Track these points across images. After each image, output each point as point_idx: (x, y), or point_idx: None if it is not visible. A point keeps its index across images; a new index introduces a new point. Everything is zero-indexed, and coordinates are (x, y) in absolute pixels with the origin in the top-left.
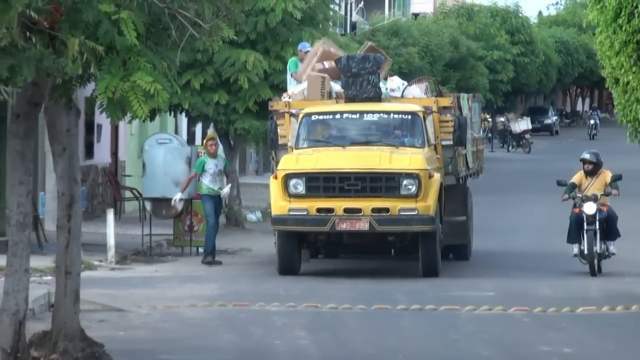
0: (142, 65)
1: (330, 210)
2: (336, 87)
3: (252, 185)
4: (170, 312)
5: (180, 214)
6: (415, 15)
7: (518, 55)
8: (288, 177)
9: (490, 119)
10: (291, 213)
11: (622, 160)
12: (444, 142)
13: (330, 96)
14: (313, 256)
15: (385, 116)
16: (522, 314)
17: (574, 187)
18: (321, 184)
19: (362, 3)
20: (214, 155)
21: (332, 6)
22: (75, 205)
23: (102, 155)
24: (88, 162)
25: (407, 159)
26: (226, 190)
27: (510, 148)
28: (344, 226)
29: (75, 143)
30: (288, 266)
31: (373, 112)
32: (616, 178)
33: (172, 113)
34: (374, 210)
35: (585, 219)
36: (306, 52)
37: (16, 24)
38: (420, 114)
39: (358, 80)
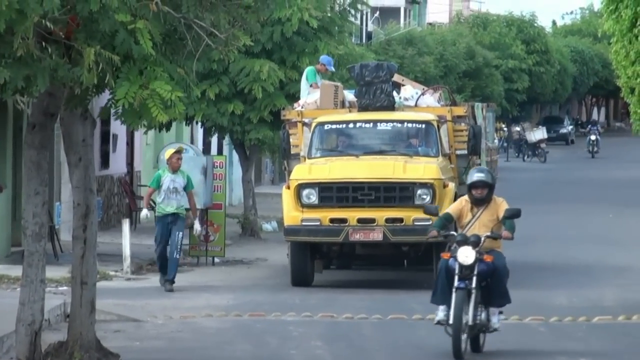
0: (159, 74)
1: (343, 220)
2: (349, 96)
3: (268, 195)
4: (186, 322)
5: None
6: (431, 24)
7: (533, 64)
8: (301, 187)
9: (505, 129)
10: (304, 223)
11: (637, 169)
12: (458, 152)
13: (343, 105)
14: (326, 267)
15: (399, 125)
16: (538, 323)
17: (448, 220)
18: (334, 194)
19: (378, 13)
20: (174, 171)
21: (349, 17)
22: (91, 216)
23: (117, 165)
24: (104, 172)
25: (422, 168)
26: (197, 226)
27: (525, 157)
28: (357, 236)
29: (91, 153)
30: (301, 277)
31: (387, 121)
32: (512, 214)
33: (188, 123)
34: (387, 220)
35: (457, 272)
36: (327, 70)
37: (32, 34)
38: (435, 123)
39: (371, 89)
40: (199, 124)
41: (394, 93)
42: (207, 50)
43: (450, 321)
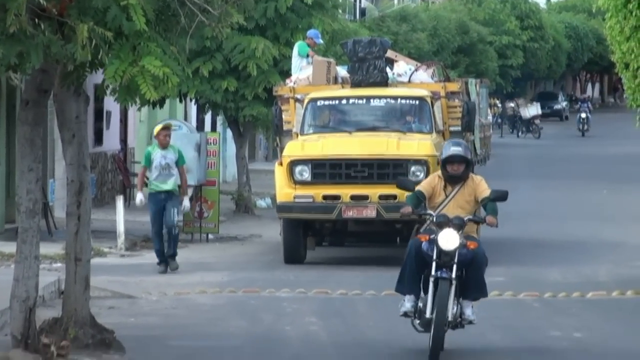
0: (152, 50)
1: (336, 197)
2: (342, 72)
3: (261, 172)
4: (180, 299)
5: (190, 200)
6: (425, 1)
7: (528, 40)
8: (293, 163)
9: (499, 105)
10: (297, 200)
11: (631, 145)
12: (452, 128)
13: (335, 81)
14: (318, 244)
15: (392, 101)
16: (533, 299)
17: (420, 198)
18: (327, 170)
19: None
20: (164, 147)
21: None
22: (85, 192)
23: (111, 142)
24: (97, 149)
25: (415, 145)
26: (186, 204)
27: (519, 133)
28: (350, 213)
29: (85, 130)
30: (294, 255)
31: (380, 98)
32: (498, 196)
33: (182, 100)
34: (381, 197)
35: (435, 258)
36: (317, 43)
37: (25, 10)
38: (428, 99)
39: (364, 65)
40: (193, 100)
41: (387, 69)
42: (201, 27)
43: (428, 314)
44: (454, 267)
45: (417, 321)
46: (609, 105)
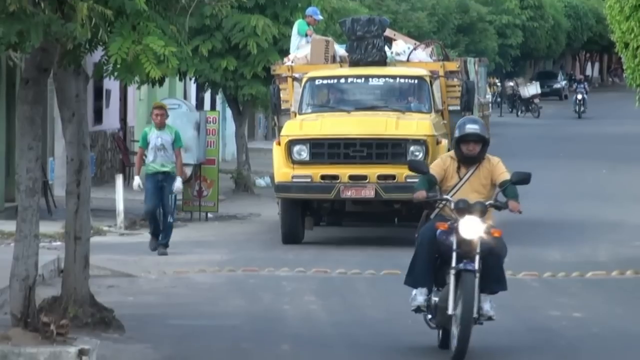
0: (151, 30)
1: (335, 177)
2: (340, 51)
3: (261, 151)
4: (179, 278)
5: (189, 179)
6: None
7: (527, 19)
8: (292, 143)
9: (499, 84)
10: (295, 180)
11: (630, 125)
12: (450, 108)
13: (334, 60)
14: (316, 224)
15: (391, 80)
16: (532, 278)
17: (432, 182)
18: (326, 150)
19: None
20: (160, 127)
21: None
22: (84, 171)
23: (111, 120)
24: (97, 128)
25: (414, 124)
26: (177, 184)
27: (519, 113)
28: (349, 194)
29: (84, 108)
30: (292, 235)
31: (379, 77)
32: (520, 179)
33: (181, 79)
34: (379, 177)
35: (455, 248)
36: (316, 20)
37: None
38: (427, 79)
39: (363, 44)
40: (192, 79)
41: (386, 48)
42: (200, 6)
43: (450, 310)
44: (477, 257)
45: (429, 316)
46: (609, 84)
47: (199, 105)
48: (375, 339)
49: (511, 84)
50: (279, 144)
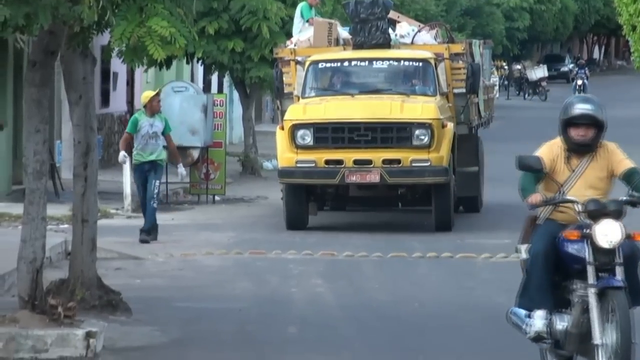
0: (159, 11)
1: (339, 162)
2: (344, 33)
3: (268, 133)
4: (186, 260)
5: (196, 162)
6: None
7: (535, 2)
8: (295, 127)
9: (506, 67)
10: (299, 165)
11: (639, 108)
12: (455, 90)
13: (337, 43)
14: (319, 209)
15: (396, 63)
16: None
17: (537, 176)
18: (330, 134)
19: None
20: (152, 114)
21: None
22: (92, 154)
23: (118, 103)
24: (104, 111)
25: (419, 108)
26: (181, 171)
27: (526, 96)
28: (353, 178)
29: (91, 91)
30: (296, 221)
31: (383, 59)
32: None
33: (188, 61)
34: (384, 161)
35: (591, 260)
36: (318, 0)
37: None
38: (432, 61)
39: (366, 26)
40: (199, 62)
41: (390, 30)
42: None
43: (597, 340)
44: (619, 270)
45: (549, 342)
46: (616, 68)
47: (206, 88)
48: (383, 322)
49: (518, 67)
50: (282, 128)
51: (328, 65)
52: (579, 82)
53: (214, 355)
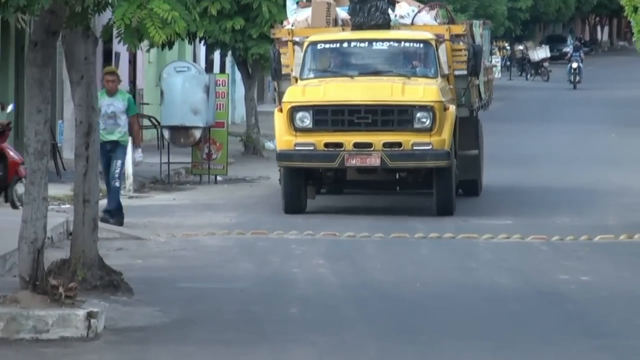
0: None
1: (339, 145)
2: (342, 13)
3: (270, 114)
4: (188, 241)
5: (198, 142)
6: None
7: None
8: (294, 109)
9: (508, 47)
10: (297, 148)
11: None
12: (457, 72)
13: (335, 23)
14: (317, 192)
15: (396, 44)
16: (540, 242)
17: None
18: (329, 117)
19: None
20: (111, 93)
21: None
22: (93, 134)
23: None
24: None
25: (421, 90)
26: (138, 156)
27: (528, 76)
28: (353, 162)
29: (93, 71)
30: (295, 205)
31: (383, 41)
32: None
33: (190, 41)
34: (385, 145)
35: None
36: None
37: None
38: (433, 42)
39: (365, 7)
40: (202, 42)
41: (389, 11)
42: None
43: None
44: None
45: None
46: (618, 48)
47: (209, 68)
48: (384, 303)
49: (520, 47)
50: (280, 110)
51: (327, 46)
52: (574, 65)
53: (215, 336)
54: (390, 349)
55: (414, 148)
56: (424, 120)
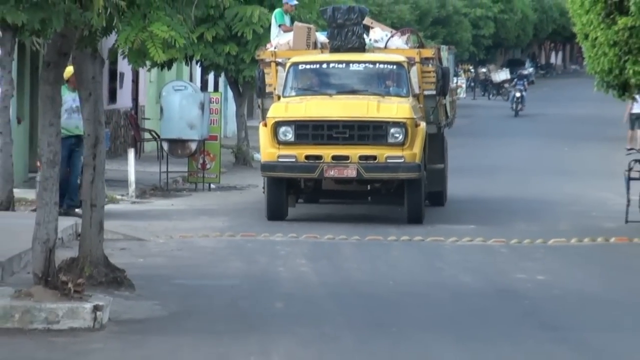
0: (160, 17)
1: (318, 157)
2: (321, 37)
3: (258, 128)
4: (184, 242)
5: (194, 153)
6: None
7: (498, 12)
8: (278, 124)
9: (472, 70)
10: (280, 160)
11: (590, 107)
12: (426, 92)
13: (315, 46)
14: (295, 201)
15: (371, 66)
16: (500, 245)
17: None
18: (310, 131)
19: None
20: (74, 89)
21: None
22: (100, 145)
23: (124, 100)
24: (111, 107)
25: (395, 107)
26: None
27: (490, 96)
28: (332, 173)
29: (100, 89)
30: (277, 212)
31: (359, 62)
32: None
33: (187, 63)
34: (361, 157)
35: None
36: (293, 6)
37: None
38: (405, 64)
39: (343, 31)
40: (198, 63)
41: (364, 35)
42: None
43: None
44: None
45: None
46: (571, 72)
47: (203, 87)
48: (360, 299)
49: (484, 70)
50: (265, 125)
51: (308, 66)
52: (517, 94)
53: (208, 327)
54: (365, 339)
55: (388, 161)
56: (397, 135)
